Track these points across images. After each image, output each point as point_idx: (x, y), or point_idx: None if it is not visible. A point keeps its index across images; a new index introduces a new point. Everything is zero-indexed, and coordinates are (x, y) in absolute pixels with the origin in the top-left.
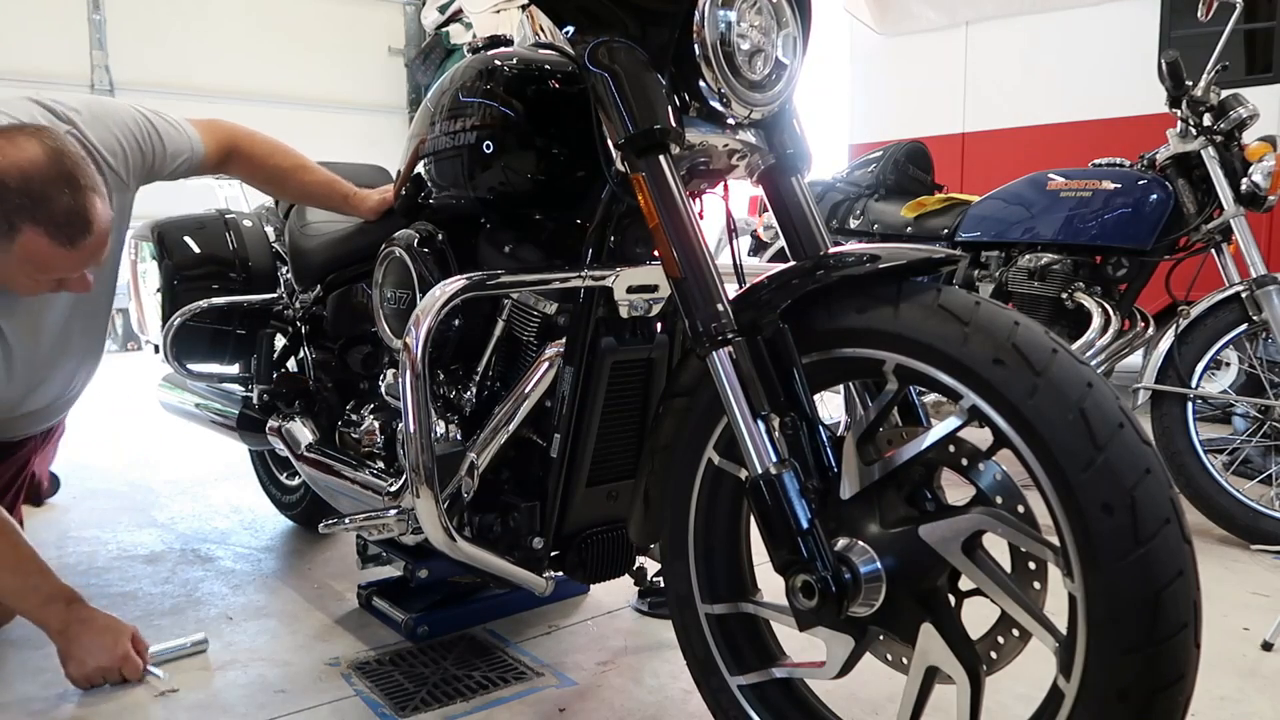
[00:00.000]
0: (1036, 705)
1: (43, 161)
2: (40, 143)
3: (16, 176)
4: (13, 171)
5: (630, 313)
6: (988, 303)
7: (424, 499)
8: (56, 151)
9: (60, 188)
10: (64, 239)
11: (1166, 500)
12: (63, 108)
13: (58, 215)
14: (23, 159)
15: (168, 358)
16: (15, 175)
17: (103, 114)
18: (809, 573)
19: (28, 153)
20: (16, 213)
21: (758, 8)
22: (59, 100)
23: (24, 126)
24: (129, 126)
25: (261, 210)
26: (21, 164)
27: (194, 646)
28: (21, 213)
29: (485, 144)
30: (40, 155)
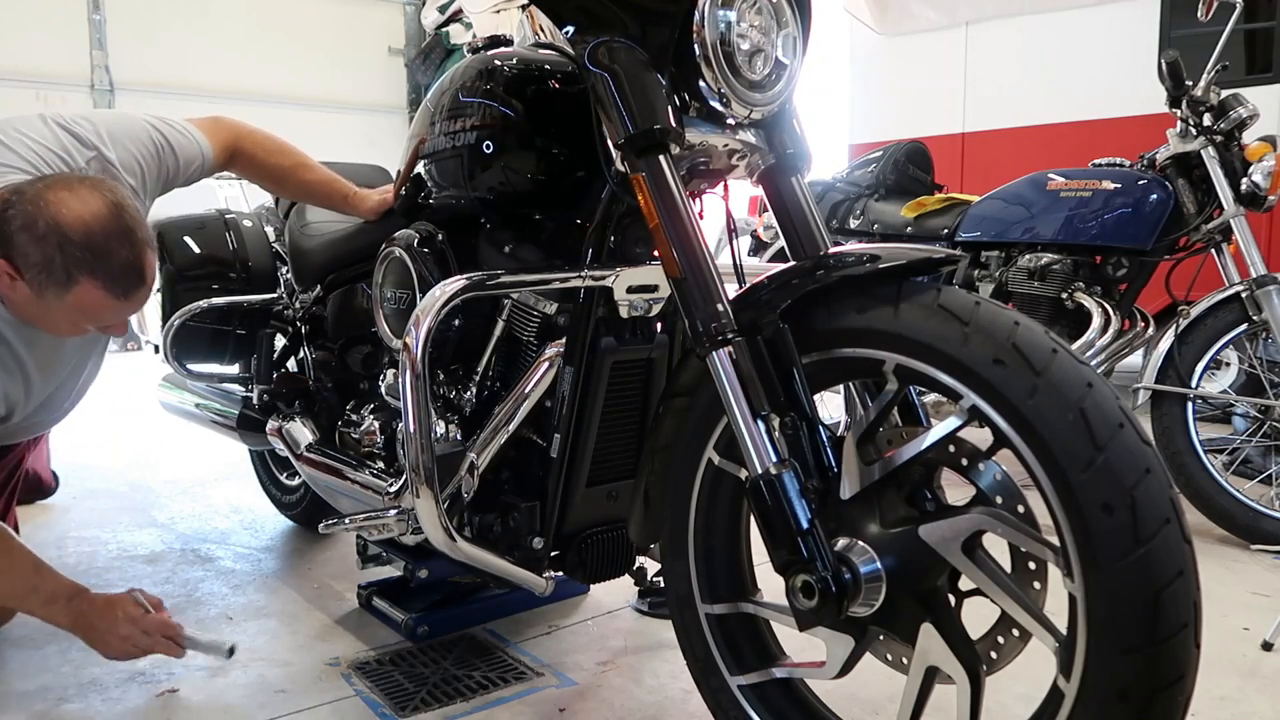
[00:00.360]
0: (1036, 705)
1: (104, 216)
2: (101, 196)
3: (80, 230)
4: (77, 225)
5: (630, 313)
6: (988, 303)
7: (424, 499)
8: (117, 206)
9: (120, 242)
10: (119, 291)
11: (1166, 500)
12: (82, 128)
13: (115, 269)
14: (86, 213)
15: (168, 358)
16: (79, 229)
17: (120, 133)
18: (809, 573)
19: (90, 207)
20: (77, 265)
21: (758, 8)
22: (77, 120)
23: (85, 178)
24: (144, 143)
25: (261, 210)
26: (85, 218)
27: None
28: (82, 266)
29: (485, 144)
30: (102, 209)
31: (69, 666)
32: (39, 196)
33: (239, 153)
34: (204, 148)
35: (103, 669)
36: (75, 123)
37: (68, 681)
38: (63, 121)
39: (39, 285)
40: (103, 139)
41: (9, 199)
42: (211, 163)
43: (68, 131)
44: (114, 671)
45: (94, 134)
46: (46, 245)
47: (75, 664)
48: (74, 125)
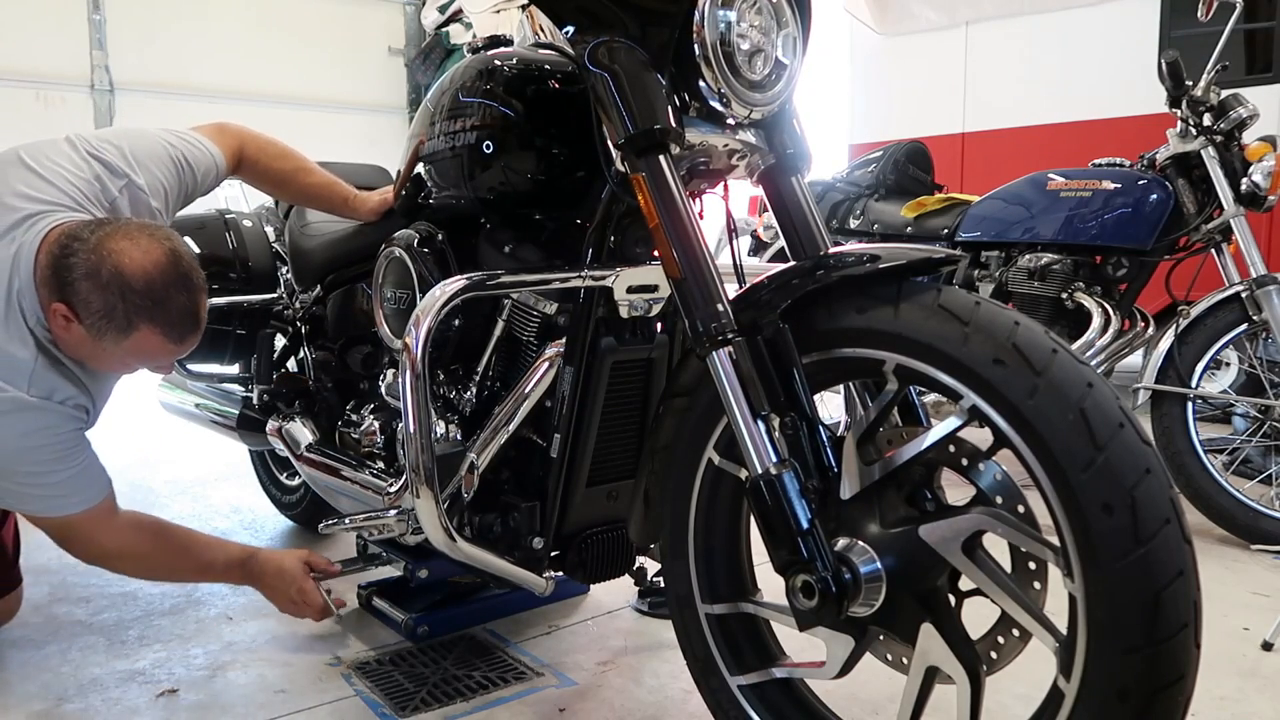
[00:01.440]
0: (1037, 705)
1: (164, 264)
2: (159, 244)
3: (142, 280)
4: (138, 274)
5: (630, 313)
6: (988, 303)
7: (424, 499)
8: (175, 254)
9: (179, 290)
10: (176, 336)
11: (1167, 500)
12: (110, 155)
13: (174, 316)
14: (147, 262)
15: None
16: (141, 278)
17: (143, 156)
18: (809, 573)
19: (151, 256)
20: (138, 313)
21: (758, 8)
22: (103, 145)
23: (143, 226)
24: (165, 162)
25: (261, 210)
26: (147, 267)
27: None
28: (142, 313)
29: (485, 144)
30: (162, 258)
31: (69, 666)
32: (100, 245)
33: (244, 158)
34: (216, 157)
35: (103, 669)
36: (102, 149)
37: (68, 681)
38: (91, 149)
39: (98, 330)
40: (130, 165)
41: (69, 245)
42: (224, 170)
43: (98, 160)
44: (114, 671)
45: (121, 160)
46: (109, 294)
47: (75, 664)
48: (102, 152)
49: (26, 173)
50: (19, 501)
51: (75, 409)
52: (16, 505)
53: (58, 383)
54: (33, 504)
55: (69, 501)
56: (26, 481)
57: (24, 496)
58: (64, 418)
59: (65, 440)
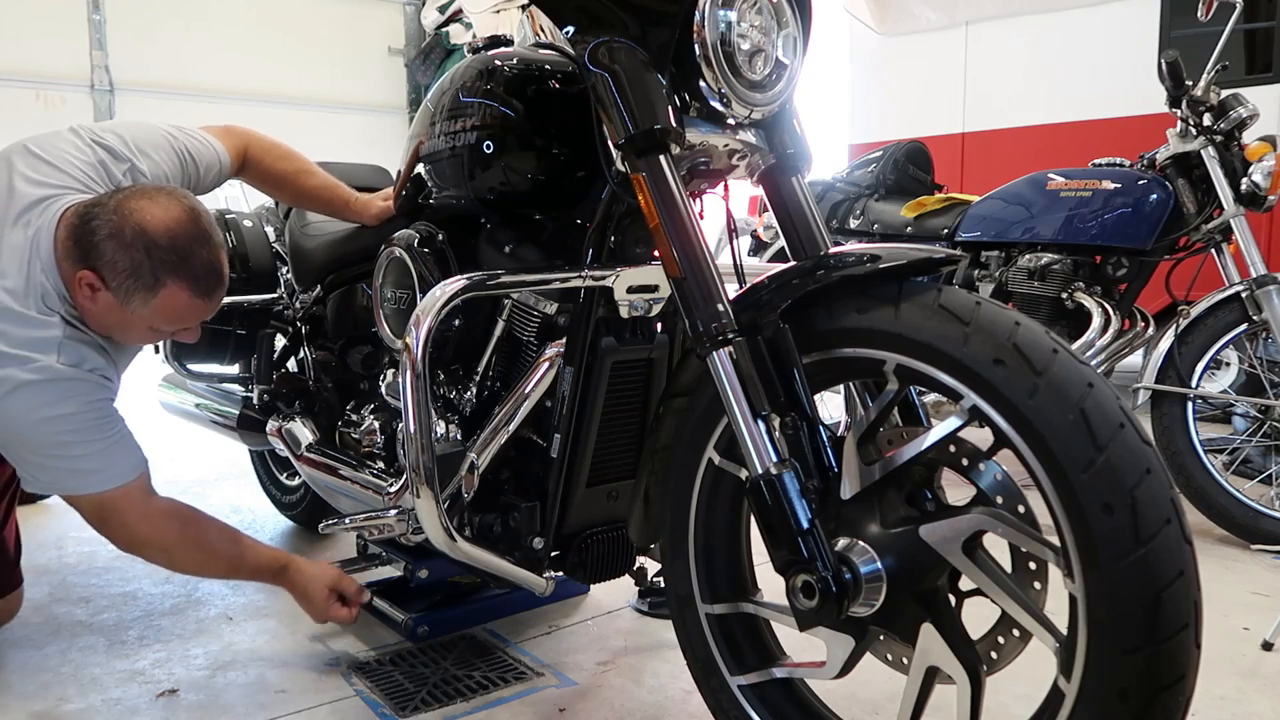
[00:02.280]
0: (1037, 705)
1: (185, 220)
2: (178, 202)
3: (165, 235)
4: (161, 230)
5: (630, 313)
6: (988, 303)
7: (424, 499)
8: (194, 211)
9: (202, 244)
10: (202, 292)
11: (1167, 500)
12: (112, 142)
13: (199, 269)
14: (169, 218)
15: (168, 357)
16: (164, 233)
17: (145, 144)
18: (809, 573)
19: (172, 212)
20: (164, 268)
21: (758, 8)
22: (106, 133)
23: (161, 188)
24: (168, 151)
25: (261, 210)
26: (169, 223)
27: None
28: (168, 268)
29: (485, 144)
30: (183, 215)
31: (69, 666)
32: (121, 206)
33: (249, 158)
34: (220, 153)
35: (103, 669)
36: (105, 136)
37: (68, 681)
38: (95, 136)
39: (125, 292)
40: (133, 151)
41: (88, 213)
42: (228, 168)
43: (101, 146)
44: (114, 672)
45: (124, 146)
46: (134, 251)
47: (75, 664)
48: (105, 139)
49: (35, 160)
50: (51, 478)
51: (103, 378)
52: (49, 482)
53: (86, 352)
54: (64, 480)
55: (101, 477)
56: (57, 454)
57: (55, 471)
58: (95, 386)
59: (97, 410)
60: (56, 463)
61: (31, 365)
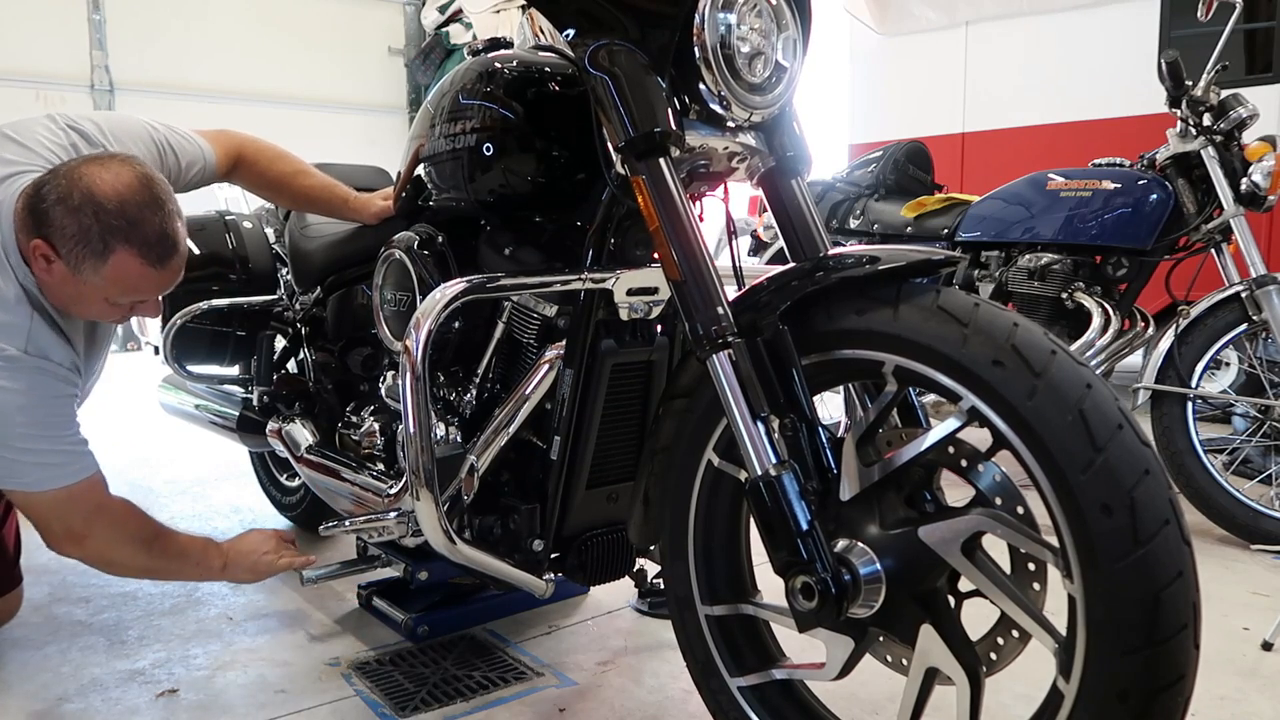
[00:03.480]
0: (1036, 706)
1: (136, 185)
2: (131, 168)
3: (115, 199)
4: (110, 194)
5: (630, 315)
6: (987, 304)
7: (424, 501)
8: (146, 176)
9: (153, 210)
10: (154, 259)
11: (1166, 501)
12: (87, 128)
13: (150, 236)
14: (119, 183)
15: (168, 359)
16: (113, 198)
17: (122, 133)
18: (809, 574)
19: (123, 178)
20: (112, 234)
21: (758, 10)
22: (81, 120)
23: (114, 155)
24: (145, 141)
25: (261, 212)
26: (118, 187)
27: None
28: (117, 234)
29: (485, 146)
30: (133, 180)
31: (69, 666)
32: (72, 172)
33: (242, 160)
34: (205, 151)
35: (103, 669)
36: (81, 123)
37: (68, 681)
38: (70, 122)
39: (76, 259)
40: (106, 137)
41: (42, 182)
42: (213, 167)
43: (75, 130)
44: (114, 671)
45: (98, 132)
46: (82, 215)
47: (75, 664)
48: (80, 125)
49: (7, 141)
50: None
51: (70, 371)
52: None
53: (53, 343)
54: (30, 474)
55: (64, 471)
56: (24, 446)
57: (21, 465)
58: (60, 380)
59: (62, 404)
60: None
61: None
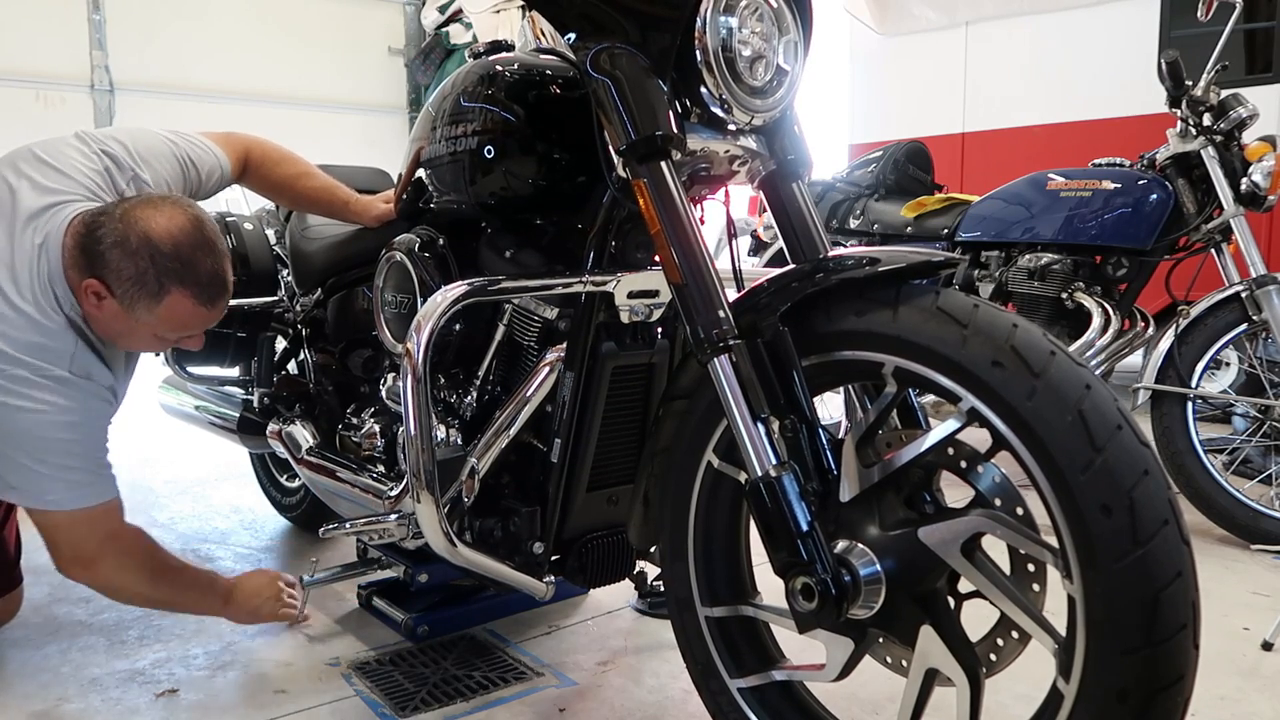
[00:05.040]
0: (1036, 706)
1: (190, 229)
2: (184, 211)
3: (169, 243)
4: (166, 238)
5: (631, 318)
6: (986, 305)
7: (424, 504)
8: (198, 220)
9: (206, 253)
10: (206, 299)
11: (1165, 501)
12: (116, 150)
13: (202, 277)
14: (173, 227)
15: (168, 360)
16: (168, 242)
17: (147, 152)
18: (809, 575)
19: (177, 221)
20: (168, 275)
21: (759, 14)
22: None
23: (166, 196)
24: (169, 160)
25: (262, 213)
26: (173, 231)
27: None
28: (172, 276)
29: (486, 149)
30: (186, 224)
31: (69, 666)
32: (126, 215)
33: (250, 162)
34: (221, 159)
35: (103, 669)
36: (109, 144)
37: (68, 681)
38: (100, 145)
39: (130, 299)
40: (135, 160)
41: (94, 221)
42: (229, 173)
43: (106, 154)
44: (114, 671)
45: (127, 156)
46: (139, 259)
47: (75, 664)
48: (109, 147)
49: (43, 165)
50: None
51: (109, 392)
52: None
53: (95, 364)
54: (56, 491)
55: (89, 491)
56: (56, 461)
57: (50, 479)
58: (102, 400)
59: (100, 424)
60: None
61: (46, 373)
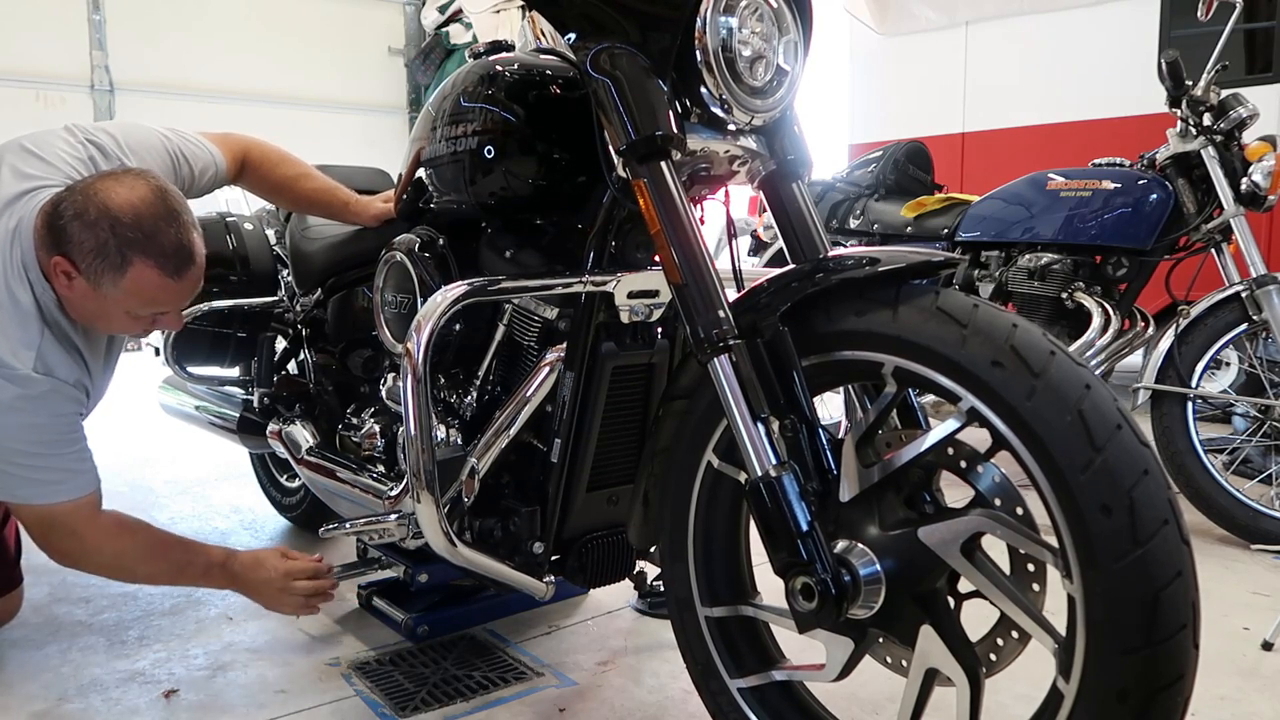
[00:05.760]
0: (1036, 706)
1: (151, 199)
2: (146, 182)
3: (130, 213)
4: (126, 208)
5: (631, 318)
6: (986, 305)
7: (425, 504)
8: (161, 190)
9: (168, 222)
10: (171, 270)
11: (1164, 501)
12: (104, 141)
13: (166, 247)
14: (134, 197)
15: (168, 360)
16: (129, 211)
17: (137, 145)
18: (809, 575)
19: (138, 191)
20: (129, 246)
21: (759, 14)
22: (98, 132)
23: (129, 169)
24: (160, 153)
25: (262, 213)
26: (134, 201)
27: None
28: (134, 246)
29: (487, 149)
30: (148, 193)
31: (69, 666)
32: (88, 188)
33: (247, 163)
34: (216, 156)
35: (103, 669)
36: (97, 135)
37: (68, 681)
38: (88, 135)
39: (95, 273)
40: (123, 150)
41: (59, 199)
42: (224, 172)
43: (93, 144)
44: (114, 671)
45: (115, 146)
46: (99, 229)
47: (75, 664)
48: (97, 137)
49: (27, 155)
50: (13, 486)
51: (76, 388)
52: (9, 490)
53: (61, 360)
54: (26, 489)
55: (62, 488)
56: (25, 463)
57: (20, 480)
58: (66, 398)
59: (66, 422)
60: (22, 472)
61: (7, 371)
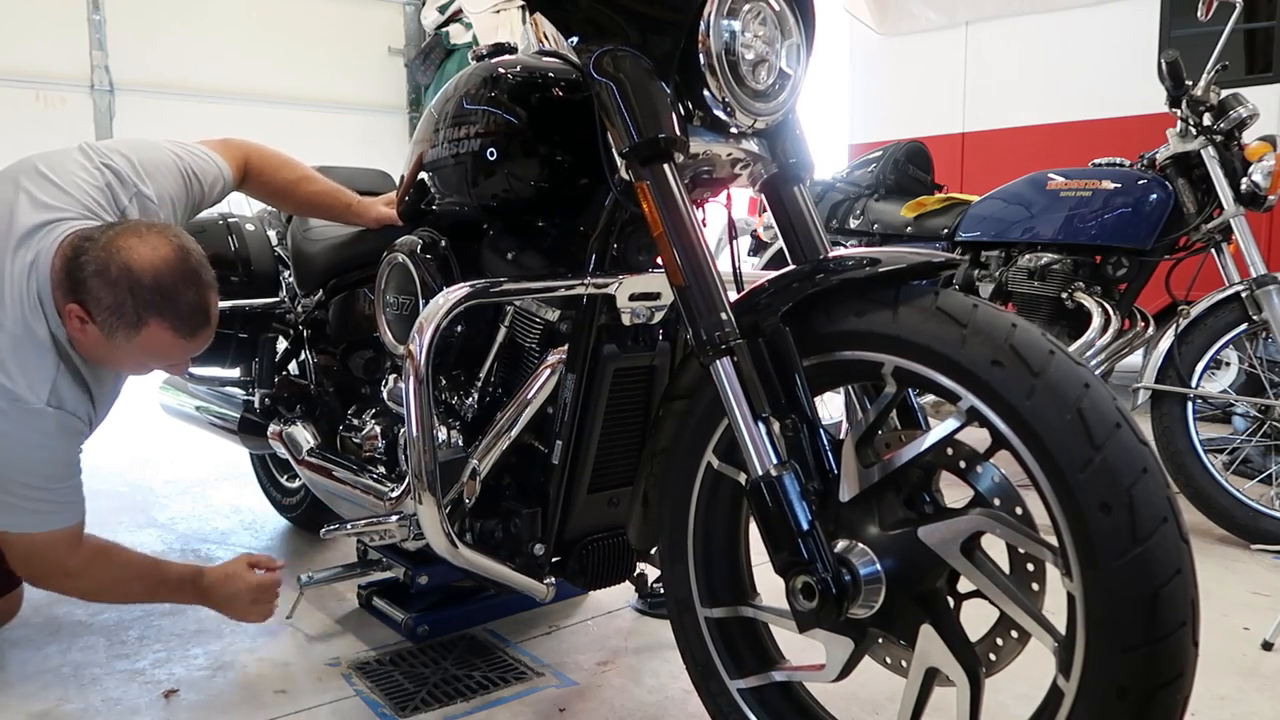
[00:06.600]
0: (1036, 705)
1: (172, 260)
2: (168, 241)
3: (150, 274)
4: (147, 269)
5: (633, 320)
6: (985, 305)
7: (426, 505)
8: (183, 250)
9: (187, 285)
10: (186, 332)
11: (1164, 499)
12: (119, 164)
13: (183, 310)
14: (155, 258)
15: None
16: (150, 273)
17: (151, 167)
18: (809, 574)
19: (160, 252)
20: (146, 308)
21: (762, 18)
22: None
23: (152, 225)
24: (173, 173)
25: (264, 214)
26: (155, 262)
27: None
28: (151, 308)
29: (489, 151)
30: (170, 254)
31: (69, 667)
32: (110, 243)
33: (250, 169)
34: (222, 167)
35: (103, 669)
36: (113, 158)
37: (68, 681)
38: (103, 159)
39: (110, 328)
40: (139, 175)
41: (81, 245)
42: (231, 182)
43: (109, 169)
44: (114, 672)
45: (131, 170)
46: (118, 289)
47: (75, 664)
48: (113, 161)
49: (44, 181)
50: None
51: (83, 420)
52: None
53: (72, 394)
54: (19, 518)
55: (53, 519)
56: (23, 494)
57: (13, 509)
58: (73, 432)
59: (68, 455)
60: (21, 502)
61: (21, 404)
